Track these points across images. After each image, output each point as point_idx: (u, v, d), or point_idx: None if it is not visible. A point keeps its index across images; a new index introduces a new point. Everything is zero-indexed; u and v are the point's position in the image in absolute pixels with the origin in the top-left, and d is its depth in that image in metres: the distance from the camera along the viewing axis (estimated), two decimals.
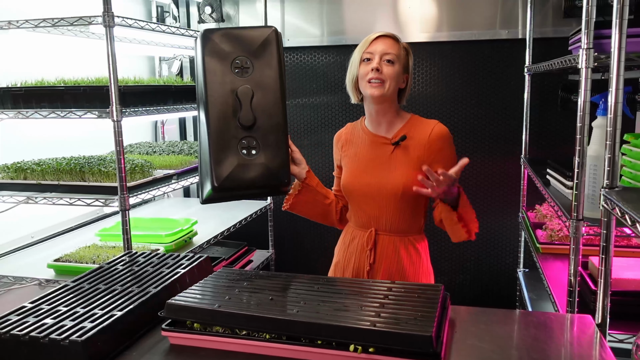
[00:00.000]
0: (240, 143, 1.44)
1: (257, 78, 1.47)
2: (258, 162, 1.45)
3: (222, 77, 1.45)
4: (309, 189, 1.76)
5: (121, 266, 1.38)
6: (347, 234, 1.83)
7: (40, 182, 2.00)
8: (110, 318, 1.07)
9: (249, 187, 1.45)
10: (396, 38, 1.70)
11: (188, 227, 2.31)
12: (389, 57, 1.65)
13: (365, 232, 1.74)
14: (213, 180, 1.40)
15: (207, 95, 1.43)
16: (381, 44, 1.66)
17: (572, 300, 1.54)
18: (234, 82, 1.45)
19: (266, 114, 1.46)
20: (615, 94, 1.16)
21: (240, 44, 1.47)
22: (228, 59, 1.46)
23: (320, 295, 1.16)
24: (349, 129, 1.85)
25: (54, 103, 1.91)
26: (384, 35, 1.68)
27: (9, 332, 1.01)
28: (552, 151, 2.81)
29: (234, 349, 1.06)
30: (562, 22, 2.71)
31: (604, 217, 1.21)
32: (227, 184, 1.41)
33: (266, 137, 1.46)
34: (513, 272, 2.97)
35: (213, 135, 1.42)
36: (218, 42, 1.45)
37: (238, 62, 1.46)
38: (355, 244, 1.76)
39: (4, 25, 1.88)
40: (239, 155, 1.44)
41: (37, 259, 2.14)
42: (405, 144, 1.69)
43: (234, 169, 1.42)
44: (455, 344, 1.08)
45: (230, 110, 1.44)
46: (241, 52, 1.47)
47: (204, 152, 1.46)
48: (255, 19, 3.11)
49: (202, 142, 1.47)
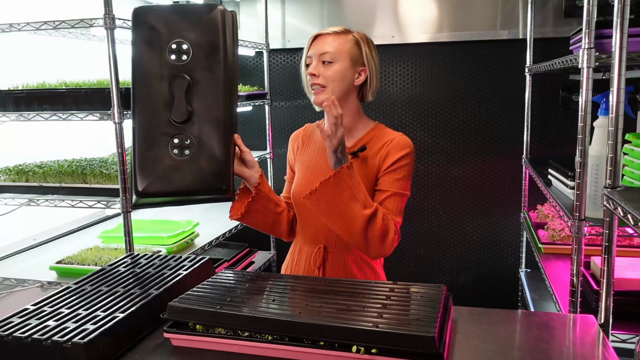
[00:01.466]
0: (172, 141, 1.24)
1: (196, 65, 1.26)
2: (191, 164, 1.25)
3: (154, 63, 1.23)
4: (261, 196, 1.51)
5: (123, 268, 1.38)
6: (294, 249, 1.66)
7: (42, 185, 2.00)
8: (113, 320, 1.06)
9: (179, 193, 1.25)
10: (338, 32, 1.53)
11: (190, 229, 2.32)
12: (325, 57, 1.49)
13: (313, 249, 1.58)
14: (137, 185, 1.22)
15: (134, 85, 1.23)
16: (317, 45, 1.52)
17: (575, 301, 1.54)
18: (168, 69, 1.24)
19: (205, 107, 1.27)
20: (617, 93, 1.16)
21: (178, 24, 1.25)
22: (162, 42, 1.24)
23: (322, 297, 1.16)
24: (307, 130, 1.70)
25: (55, 105, 1.91)
26: (321, 34, 1.53)
27: (12, 334, 1.01)
28: (554, 151, 2.81)
29: (236, 351, 1.06)
30: (562, 22, 2.71)
31: (606, 217, 1.21)
32: (153, 188, 1.22)
33: (203, 135, 1.26)
34: (515, 273, 2.97)
35: (139, 131, 1.23)
36: (152, 22, 1.24)
37: (174, 46, 1.24)
38: (302, 261, 1.60)
39: (5, 28, 1.88)
40: (168, 155, 1.24)
41: (39, 261, 2.15)
42: (364, 155, 1.53)
43: (162, 171, 1.22)
44: (458, 345, 1.07)
45: (161, 102, 1.24)
46: (178, 35, 1.25)
47: (131, 152, 1.27)
48: (256, 21, 3.11)
49: (132, 141, 1.28)
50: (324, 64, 1.50)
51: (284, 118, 3.19)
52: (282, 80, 3.17)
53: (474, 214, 2.97)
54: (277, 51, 3.15)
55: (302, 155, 1.64)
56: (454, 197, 2.98)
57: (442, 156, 2.96)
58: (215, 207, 3.05)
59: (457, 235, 3.01)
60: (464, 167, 2.94)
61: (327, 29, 1.53)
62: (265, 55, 3.06)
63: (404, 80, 2.95)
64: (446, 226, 3.01)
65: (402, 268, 3.10)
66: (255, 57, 3.20)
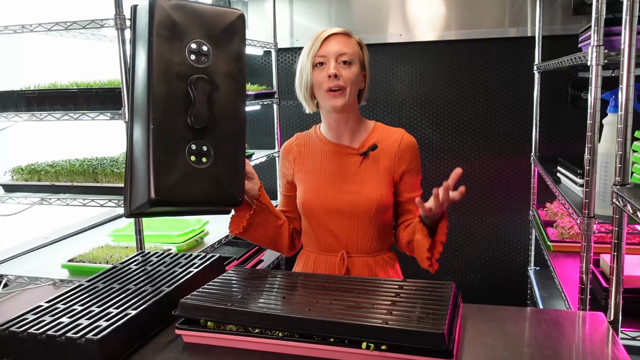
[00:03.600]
0: (189, 147, 1.15)
1: (215, 69, 1.18)
2: (208, 174, 1.17)
3: (173, 59, 1.13)
4: (262, 208, 1.45)
5: (134, 266, 1.40)
6: (307, 261, 1.58)
7: (54, 184, 2.02)
8: (125, 317, 1.08)
9: (193, 202, 1.16)
10: (347, 33, 1.48)
11: (199, 227, 2.33)
12: (345, 57, 1.43)
13: (333, 257, 1.52)
14: (150, 191, 1.10)
15: (151, 81, 1.11)
16: (335, 44, 1.44)
17: (584, 298, 1.53)
18: (188, 70, 1.15)
19: (224, 116, 1.20)
20: (626, 91, 1.16)
21: (199, 23, 1.17)
22: (183, 40, 1.15)
23: (332, 294, 1.16)
24: (301, 139, 1.61)
25: (67, 105, 1.93)
26: (336, 33, 1.46)
27: (27, 331, 1.03)
28: (563, 149, 2.80)
29: (247, 347, 1.07)
30: (571, 20, 2.70)
31: (615, 215, 1.21)
32: (168, 197, 1.12)
33: (221, 144, 1.19)
34: (524, 271, 2.96)
35: (156, 132, 1.11)
36: (173, 15, 1.14)
37: (194, 46, 1.16)
38: (322, 271, 1.53)
39: (18, 29, 1.90)
40: (185, 162, 1.14)
41: (51, 259, 2.17)
42: (374, 154, 1.51)
43: (179, 178, 1.13)
44: (467, 342, 1.08)
45: (180, 104, 1.14)
46: (199, 34, 1.16)
47: (138, 154, 1.15)
48: (264, 20, 3.12)
49: (137, 141, 1.16)
50: (344, 65, 1.44)
51: (292, 117, 3.20)
52: (290, 79, 3.18)
53: (482, 212, 2.97)
54: (285, 50, 3.16)
55: (303, 164, 1.57)
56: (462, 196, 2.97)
57: (451, 154, 2.96)
58: None
59: (466, 233, 3.01)
60: (472, 165, 2.93)
61: (336, 29, 1.47)
62: (274, 54, 3.07)
63: (412, 78, 2.95)
64: (455, 224, 3.01)
65: (411, 265, 3.10)
66: (264, 56, 3.21)
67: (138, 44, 1.18)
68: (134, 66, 1.19)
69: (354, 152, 1.52)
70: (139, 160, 1.14)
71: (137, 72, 1.18)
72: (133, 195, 1.17)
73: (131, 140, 1.19)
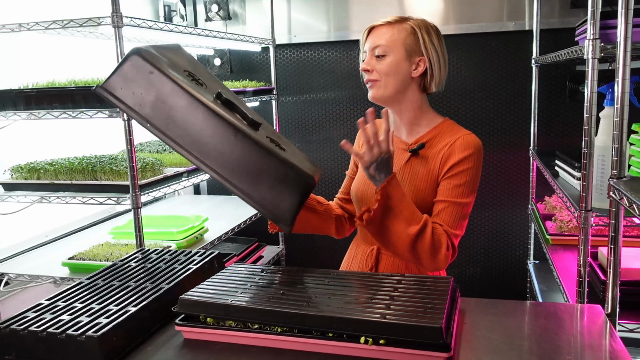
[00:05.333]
0: (270, 141, 1.21)
1: (214, 90, 1.24)
2: (297, 154, 1.29)
3: (195, 86, 1.17)
4: None
5: (134, 263, 1.40)
6: (353, 246, 1.61)
7: (54, 182, 2.02)
8: (125, 314, 1.09)
9: (317, 174, 1.28)
10: (392, 22, 1.44)
11: (199, 224, 2.34)
12: (377, 50, 1.42)
13: (367, 249, 1.52)
14: (305, 177, 1.18)
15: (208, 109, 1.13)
16: (371, 38, 1.45)
17: (582, 291, 1.54)
18: (205, 91, 1.19)
19: (253, 115, 1.26)
20: (622, 84, 1.16)
21: (173, 58, 1.22)
22: (180, 74, 1.19)
23: (331, 289, 1.17)
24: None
25: (65, 104, 1.93)
26: (374, 27, 1.46)
27: (27, 329, 1.04)
28: (561, 142, 2.80)
29: (246, 343, 1.08)
30: (569, 13, 2.70)
31: (612, 208, 1.21)
32: (315, 172, 1.23)
33: (274, 134, 1.29)
34: (523, 264, 2.97)
35: (254, 139, 1.15)
36: (161, 55, 1.18)
37: (188, 74, 1.22)
38: (357, 261, 1.55)
39: (15, 28, 1.90)
40: (283, 151, 1.20)
41: (51, 257, 2.17)
42: (425, 153, 1.43)
43: (298, 162, 1.20)
44: (465, 335, 1.09)
45: (232, 115, 1.18)
46: (182, 65, 1.23)
47: (256, 168, 1.15)
48: (262, 16, 3.12)
49: (245, 161, 1.15)
50: (377, 58, 1.42)
51: (291, 113, 3.20)
52: (289, 75, 3.18)
53: (481, 205, 2.97)
54: (283, 46, 3.15)
55: None
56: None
57: None
58: (224, 202, 3.07)
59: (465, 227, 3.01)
60: None
61: (380, 20, 1.45)
62: (272, 50, 3.07)
63: None
64: None
65: None
66: (262, 53, 3.21)
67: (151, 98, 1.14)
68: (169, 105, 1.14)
69: (405, 147, 1.47)
70: (262, 171, 1.14)
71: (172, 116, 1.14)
72: (283, 202, 1.18)
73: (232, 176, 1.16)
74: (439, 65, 1.45)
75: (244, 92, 2.69)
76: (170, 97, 1.14)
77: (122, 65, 1.15)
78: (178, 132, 1.15)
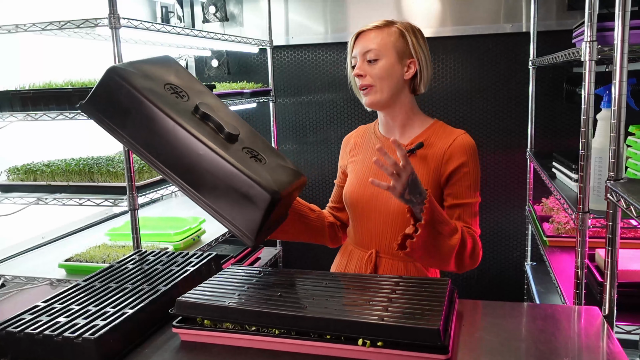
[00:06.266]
0: (247, 152, 1.21)
1: (194, 102, 1.24)
2: (271, 166, 1.24)
3: (172, 101, 1.19)
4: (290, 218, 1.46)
5: (131, 265, 1.40)
6: (344, 252, 1.58)
7: (50, 183, 2.02)
8: (122, 316, 1.08)
9: (292, 184, 1.24)
10: (380, 25, 1.44)
11: (196, 226, 2.33)
12: (369, 55, 1.42)
13: (364, 253, 1.50)
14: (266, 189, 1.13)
15: (182, 126, 1.14)
16: (360, 43, 1.45)
17: (579, 293, 1.54)
18: (184, 106, 1.21)
19: (236, 124, 1.27)
20: (619, 86, 1.17)
21: (154, 73, 1.24)
22: (161, 88, 1.21)
23: (329, 291, 1.17)
24: (360, 131, 1.62)
25: (62, 105, 1.92)
26: (362, 31, 1.46)
27: (23, 331, 1.03)
28: (558, 144, 2.81)
29: (244, 345, 1.08)
30: (566, 15, 2.71)
31: (609, 209, 1.21)
32: (278, 186, 1.17)
33: (255, 144, 1.27)
34: (520, 266, 2.97)
35: (227, 154, 1.15)
36: (138, 71, 1.20)
37: (169, 87, 1.23)
38: (352, 265, 1.52)
39: (12, 29, 1.90)
40: (259, 164, 1.20)
41: (48, 259, 2.17)
42: (422, 153, 1.44)
43: (268, 172, 1.18)
44: (463, 337, 1.09)
45: (209, 129, 1.20)
46: (163, 79, 1.24)
47: (224, 184, 1.15)
48: (260, 18, 3.12)
49: (212, 180, 1.16)
50: (370, 63, 1.43)
51: (288, 115, 3.20)
52: (286, 76, 3.18)
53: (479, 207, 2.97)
54: (280, 48, 3.15)
55: (355, 156, 1.56)
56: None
57: None
58: None
59: None
60: None
61: (368, 25, 1.46)
62: (269, 52, 3.07)
63: None
64: None
65: None
66: (259, 54, 3.21)
67: (127, 116, 1.18)
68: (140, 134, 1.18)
69: None
70: (228, 188, 1.15)
71: (151, 133, 1.17)
72: (246, 217, 1.16)
73: (199, 190, 1.18)
74: (427, 67, 1.48)
75: (241, 93, 2.69)
76: (140, 113, 1.16)
77: (99, 84, 1.19)
78: (152, 151, 1.18)
